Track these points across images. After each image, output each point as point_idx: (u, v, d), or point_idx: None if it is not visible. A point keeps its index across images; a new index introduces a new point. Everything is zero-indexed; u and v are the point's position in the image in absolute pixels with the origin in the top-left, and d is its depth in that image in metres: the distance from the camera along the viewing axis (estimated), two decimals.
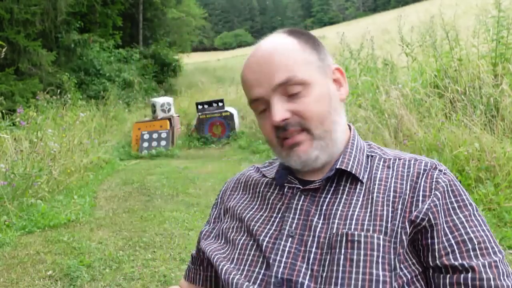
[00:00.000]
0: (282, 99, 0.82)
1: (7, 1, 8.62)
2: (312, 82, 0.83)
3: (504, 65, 4.59)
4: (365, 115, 4.78)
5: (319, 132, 0.82)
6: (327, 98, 0.84)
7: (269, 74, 0.82)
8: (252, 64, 0.86)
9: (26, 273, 2.89)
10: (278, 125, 0.82)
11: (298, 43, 0.86)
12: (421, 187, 0.79)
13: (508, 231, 2.91)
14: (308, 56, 0.85)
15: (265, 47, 0.86)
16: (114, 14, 16.03)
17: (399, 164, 0.85)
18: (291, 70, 0.82)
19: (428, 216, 0.75)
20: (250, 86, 0.86)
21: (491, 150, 3.42)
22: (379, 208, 0.78)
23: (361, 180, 0.83)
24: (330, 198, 0.83)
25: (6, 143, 4.70)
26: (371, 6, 71.14)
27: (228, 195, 1.01)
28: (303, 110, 0.82)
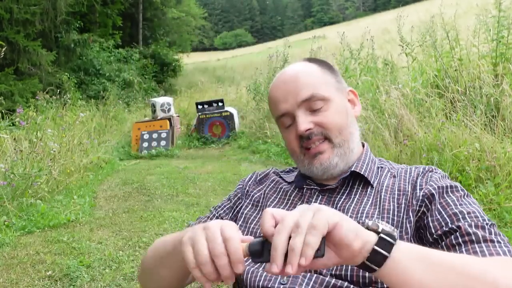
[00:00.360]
0: (306, 113, 0.96)
1: (6, 1, 8.61)
2: (331, 98, 0.97)
3: (504, 65, 4.58)
4: (365, 115, 4.77)
5: (338, 140, 0.96)
6: (344, 113, 0.99)
7: (295, 92, 0.96)
8: (279, 83, 1.01)
9: (26, 273, 2.89)
10: (302, 135, 0.95)
11: (318, 67, 1.01)
12: (418, 182, 0.93)
13: (508, 231, 2.90)
14: (327, 78, 1.01)
15: (290, 70, 1.01)
16: (114, 14, 16.03)
17: (401, 171, 0.99)
18: (314, 88, 0.96)
19: (425, 202, 0.88)
20: (277, 102, 0.99)
21: (491, 150, 3.42)
22: (386, 204, 0.91)
23: (372, 184, 0.96)
24: (344, 198, 0.96)
25: (6, 143, 4.70)
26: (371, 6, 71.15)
27: (253, 186, 1.11)
28: (325, 121, 0.95)
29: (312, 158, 0.96)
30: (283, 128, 1.01)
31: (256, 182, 1.12)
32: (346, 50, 7.17)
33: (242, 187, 1.12)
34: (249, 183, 1.12)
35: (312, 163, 0.96)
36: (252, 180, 1.13)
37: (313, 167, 0.96)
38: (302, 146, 0.97)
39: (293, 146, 0.99)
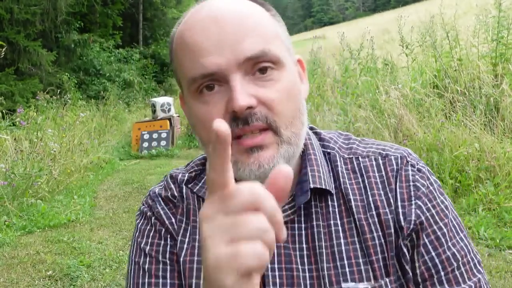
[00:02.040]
0: (245, 79, 0.59)
1: (7, 1, 8.62)
2: (284, 63, 0.62)
3: (504, 65, 4.59)
4: (365, 115, 4.78)
5: (288, 134, 0.61)
6: (297, 90, 0.64)
7: (234, 40, 0.59)
8: (207, 21, 0.60)
9: (26, 273, 2.89)
10: (239, 113, 0.58)
11: (264, 9, 0.65)
12: (398, 194, 0.66)
13: (508, 231, 2.91)
14: (278, 29, 0.65)
15: (224, 4, 0.62)
16: (114, 14, 16.02)
17: (366, 167, 0.69)
18: (265, 41, 0.60)
19: (411, 236, 0.65)
20: (202, 53, 0.59)
21: (491, 150, 3.42)
22: (368, 237, 0.65)
23: (330, 191, 0.67)
24: (305, 228, 0.66)
25: (6, 143, 4.70)
26: (371, 6, 71.19)
27: (176, 222, 0.71)
28: (273, 100, 0.60)
29: (246, 153, 0.60)
30: (197, 95, 0.61)
31: (164, 208, 0.73)
32: (346, 50, 7.18)
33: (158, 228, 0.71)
34: (163, 216, 0.71)
35: (244, 162, 0.60)
36: (160, 205, 0.73)
37: (245, 168, 0.60)
38: None
39: None
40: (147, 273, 0.68)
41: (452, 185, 3.46)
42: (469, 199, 3.28)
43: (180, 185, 0.73)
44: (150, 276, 0.67)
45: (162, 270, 0.67)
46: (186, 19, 0.65)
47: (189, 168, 0.76)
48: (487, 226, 2.97)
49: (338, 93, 6.08)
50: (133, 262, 0.71)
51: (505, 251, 2.75)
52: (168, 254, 0.68)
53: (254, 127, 0.59)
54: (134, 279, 0.69)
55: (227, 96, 0.59)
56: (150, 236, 0.70)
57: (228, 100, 0.58)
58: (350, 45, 7.19)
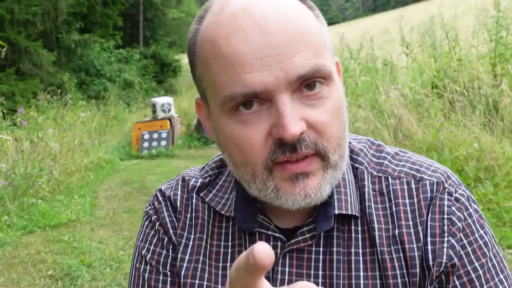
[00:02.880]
0: (293, 100, 0.51)
1: (7, 2, 8.64)
2: (334, 78, 0.54)
3: (503, 65, 4.60)
4: (364, 115, 4.79)
5: (335, 158, 0.54)
6: (344, 106, 0.56)
7: (285, 54, 0.49)
8: (247, 25, 0.50)
9: (27, 272, 2.91)
10: (289, 141, 0.50)
11: (306, 7, 0.55)
12: (428, 228, 0.58)
13: (507, 230, 2.92)
14: (324, 33, 0.55)
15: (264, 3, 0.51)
16: (114, 14, 16.04)
17: (395, 191, 0.60)
18: (317, 52, 0.51)
19: (441, 278, 0.58)
20: (245, 68, 0.50)
21: (490, 150, 3.43)
22: (390, 274, 0.57)
23: (355, 215, 0.59)
24: (324, 254, 0.59)
25: (7, 143, 4.72)
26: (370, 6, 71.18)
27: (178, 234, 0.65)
28: (324, 123, 0.52)
29: (290, 181, 0.53)
30: (232, 113, 0.52)
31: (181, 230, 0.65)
32: (346, 51, 7.19)
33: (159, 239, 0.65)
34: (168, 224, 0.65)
35: (287, 190, 0.53)
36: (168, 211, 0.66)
37: (289, 198, 0.53)
38: (273, 160, 0.52)
39: (254, 154, 0.52)
40: (146, 283, 0.64)
41: None
42: None
43: (190, 193, 0.66)
44: (149, 287, 0.64)
45: (162, 282, 0.64)
46: (216, 17, 0.53)
47: (203, 173, 0.68)
48: None
49: None
50: (134, 266, 0.67)
51: (505, 250, 2.76)
52: (169, 266, 0.64)
53: (302, 155, 0.51)
54: (134, 285, 0.66)
55: (271, 118, 0.51)
56: (152, 243, 0.65)
57: (275, 125, 0.50)
58: (350, 45, 7.20)
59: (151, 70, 16.52)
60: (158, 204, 0.67)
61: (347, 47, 7.15)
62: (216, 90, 0.53)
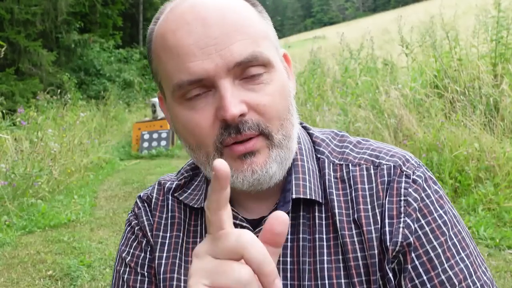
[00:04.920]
0: (235, 85, 0.56)
1: (7, 1, 8.63)
2: (275, 64, 0.59)
3: (503, 65, 4.59)
4: (364, 115, 4.78)
5: (279, 137, 0.58)
6: (287, 90, 0.61)
7: (224, 42, 0.55)
8: (191, 20, 0.56)
9: (27, 272, 2.90)
10: (231, 122, 0.55)
11: (249, 4, 0.61)
12: (386, 210, 0.60)
13: (507, 231, 2.92)
14: (266, 27, 0.61)
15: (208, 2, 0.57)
16: (114, 14, 16.04)
17: (355, 177, 0.63)
18: (255, 42, 0.57)
19: (398, 258, 0.59)
20: (188, 56, 0.55)
21: (490, 150, 3.43)
22: (351, 257, 0.60)
23: (319, 202, 0.63)
24: (291, 240, 0.62)
25: (7, 143, 4.71)
26: (371, 6, 71.20)
27: (154, 235, 0.69)
28: (265, 105, 0.57)
29: (239, 160, 0.57)
30: (183, 101, 0.58)
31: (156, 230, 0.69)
32: (346, 51, 7.19)
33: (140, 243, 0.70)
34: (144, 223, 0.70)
35: (238, 169, 0.57)
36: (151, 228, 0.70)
37: (239, 175, 0.58)
38: (222, 142, 0.57)
39: (203, 136, 0.57)
40: (126, 284, 0.68)
41: (452, 185, 3.46)
42: (468, 199, 3.29)
43: (166, 194, 0.71)
44: (128, 287, 0.68)
45: (139, 281, 0.68)
46: (166, 16, 0.59)
47: (179, 176, 0.73)
48: (486, 226, 2.98)
49: (338, 93, 6.09)
50: (115, 269, 0.71)
51: (505, 250, 2.75)
52: (146, 267, 0.68)
53: (247, 136, 0.56)
54: (114, 287, 0.70)
55: (215, 102, 0.56)
56: (132, 246, 0.70)
57: (218, 108, 0.55)
58: (350, 45, 7.20)
59: (151, 70, 16.53)
60: (138, 209, 0.72)
61: (347, 47, 7.15)
62: (167, 79, 0.59)
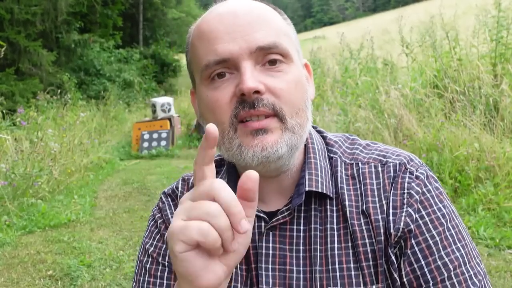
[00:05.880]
0: (256, 68, 0.62)
1: (7, 1, 8.63)
2: (294, 59, 0.66)
3: (503, 65, 4.59)
4: (364, 115, 4.78)
5: (293, 123, 0.63)
6: (304, 86, 0.67)
7: (248, 30, 0.62)
8: (223, 13, 0.64)
9: (27, 272, 2.90)
10: (247, 94, 0.60)
11: (276, 12, 0.69)
12: (390, 202, 0.66)
13: (507, 231, 2.92)
14: (289, 30, 0.69)
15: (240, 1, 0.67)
16: (114, 14, 16.04)
17: (364, 173, 0.69)
18: (276, 34, 0.64)
19: (400, 243, 0.65)
20: (217, 40, 0.63)
21: (490, 150, 3.43)
22: (360, 243, 0.66)
23: (330, 196, 0.69)
24: (304, 231, 0.68)
25: (7, 143, 4.71)
26: (371, 6, 71.18)
27: None
28: (281, 89, 0.62)
29: (251, 136, 0.62)
30: (208, 82, 0.64)
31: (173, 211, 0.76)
32: (346, 51, 7.19)
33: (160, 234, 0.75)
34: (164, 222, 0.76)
35: (249, 144, 0.62)
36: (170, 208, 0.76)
37: (249, 151, 0.62)
38: (236, 116, 0.62)
39: (221, 112, 0.63)
40: (148, 272, 0.73)
41: (452, 185, 3.46)
42: (468, 199, 3.29)
43: (190, 189, 0.76)
44: (150, 276, 0.73)
45: (160, 271, 0.72)
46: (204, 16, 0.68)
47: None
48: (486, 226, 2.98)
49: (338, 93, 6.09)
50: (138, 259, 0.76)
51: (505, 250, 2.75)
52: (168, 257, 0.72)
53: (260, 112, 0.61)
54: (137, 275, 0.75)
55: (236, 81, 0.62)
56: (155, 239, 0.75)
57: (237, 83, 0.61)
58: (350, 45, 7.20)
59: (151, 70, 16.52)
60: (162, 204, 0.78)
61: (347, 47, 7.15)
62: (198, 63, 0.66)
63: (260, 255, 0.67)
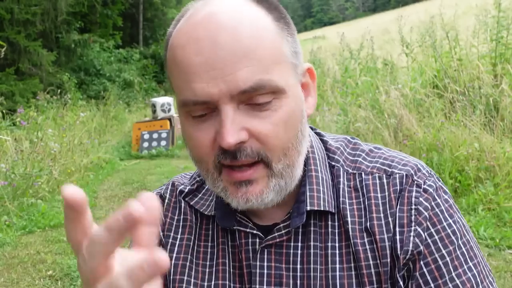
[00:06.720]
0: (238, 110, 0.55)
1: (7, 1, 8.63)
2: (287, 90, 0.57)
3: (503, 65, 4.59)
4: (364, 115, 4.78)
5: (280, 167, 0.57)
6: (299, 116, 0.59)
7: (230, 68, 0.53)
8: (201, 37, 0.54)
9: (27, 272, 2.90)
10: (227, 149, 0.54)
11: (272, 20, 0.57)
12: (397, 219, 0.61)
13: (507, 231, 2.92)
14: (282, 44, 0.57)
15: (222, 15, 0.55)
16: (114, 14, 16.03)
17: (368, 185, 0.63)
18: (265, 67, 0.54)
19: (408, 265, 0.60)
20: (194, 76, 0.54)
21: (490, 150, 3.43)
22: (364, 265, 0.61)
23: (332, 212, 0.63)
24: (301, 248, 0.63)
25: (7, 143, 4.71)
26: (371, 6, 71.17)
27: (165, 235, 0.70)
28: (267, 134, 0.55)
29: (234, 186, 0.58)
30: (189, 117, 0.58)
31: (168, 231, 0.70)
32: (346, 50, 7.19)
33: None
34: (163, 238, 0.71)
35: (232, 193, 0.58)
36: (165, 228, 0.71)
37: (233, 200, 0.58)
38: (220, 162, 0.57)
39: (203, 154, 0.58)
40: None
41: (452, 185, 3.46)
42: (469, 199, 3.29)
43: (178, 197, 0.71)
44: None
45: None
46: (182, 24, 0.58)
47: (191, 180, 0.73)
48: (486, 226, 2.98)
49: (338, 93, 6.09)
50: None
51: (505, 250, 2.75)
52: None
53: (243, 162, 0.56)
54: None
55: (216, 124, 0.55)
56: None
57: (217, 132, 0.55)
58: (350, 45, 7.20)
59: (151, 70, 16.51)
60: None
61: (348, 47, 7.15)
62: (176, 92, 0.59)
63: (254, 274, 0.63)
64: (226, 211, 0.64)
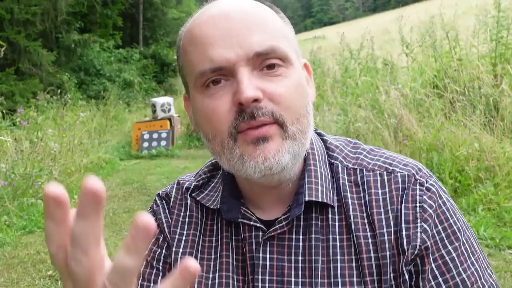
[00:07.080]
0: (253, 74, 0.59)
1: (7, 1, 8.63)
2: (293, 62, 0.62)
3: (503, 65, 4.59)
4: (364, 115, 4.78)
5: (294, 129, 0.60)
6: (305, 89, 0.63)
7: (244, 35, 0.58)
8: (216, 17, 0.60)
9: (27, 272, 2.90)
10: (246, 104, 0.57)
11: (273, 11, 0.65)
12: (402, 216, 0.63)
13: (507, 231, 2.92)
14: (287, 31, 0.64)
15: (234, 1, 0.62)
16: (114, 14, 16.03)
17: (369, 181, 0.65)
18: (273, 38, 0.60)
19: (415, 261, 0.63)
20: (211, 46, 0.59)
21: (490, 150, 3.43)
22: (365, 257, 0.63)
23: (332, 205, 0.65)
24: (303, 240, 0.65)
25: (7, 143, 4.71)
26: (371, 6, 71.16)
27: (171, 232, 0.72)
28: (281, 94, 0.59)
29: (252, 145, 0.59)
30: (203, 90, 0.60)
31: (174, 228, 0.73)
32: (346, 50, 7.19)
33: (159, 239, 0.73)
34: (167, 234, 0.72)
35: (250, 154, 0.59)
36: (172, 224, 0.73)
37: (250, 162, 0.59)
38: (236, 127, 0.58)
39: (220, 122, 0.59)
40: (141, 276, 0.72)
41: (452, 185, 3.46)
42: (469, 199, 3.29)
43: (184, 194, 0.74)
44: (143, 279, 0.71)
45: (154, 275, 0.71)
46: (194, 18, 0.64)
47: (197, 177, 0.76)
48: (486, 226, 2.98)
49: (338, 93, 6.09)
50: None
51: (505, 250, 2.76)
52: (162, 262, 0.71)
53: (260, 122, 0.58)
54: None
55: (233, 89, 0.58)
56: None
57: (235, 92, 0.58)
58: (350, 45, 7.20)
59: (151, 70, 16.51)
60: (156, 206, 0.75)
61: (348, 47, 7.15)
62: (191, 70, 0.62)
63: (257, 266, 0.65)
64: (231, 204, 0.67)
